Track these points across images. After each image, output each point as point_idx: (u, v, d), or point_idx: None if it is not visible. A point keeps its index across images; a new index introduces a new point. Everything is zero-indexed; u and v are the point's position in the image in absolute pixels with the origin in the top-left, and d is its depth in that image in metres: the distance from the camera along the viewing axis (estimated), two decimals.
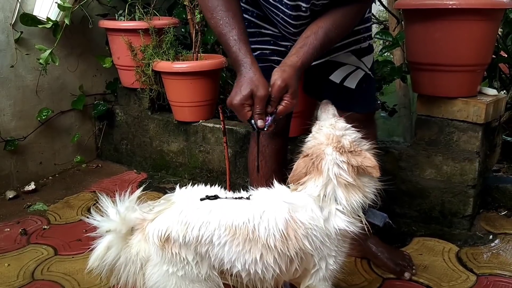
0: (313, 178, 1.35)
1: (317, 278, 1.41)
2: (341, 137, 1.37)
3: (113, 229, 1.37)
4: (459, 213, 2.18)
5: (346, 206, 1.34)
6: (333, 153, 1.34)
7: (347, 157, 1.34)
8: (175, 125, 2.91)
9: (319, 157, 1.35)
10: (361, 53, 1.78)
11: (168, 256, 1.35)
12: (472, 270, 1.93)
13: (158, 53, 2.77)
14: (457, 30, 1.96)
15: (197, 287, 1.39)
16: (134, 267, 1.40)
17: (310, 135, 1.44)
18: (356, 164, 1.33)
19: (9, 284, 1.93)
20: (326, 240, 1.35)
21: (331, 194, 1.34)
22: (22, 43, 2.73)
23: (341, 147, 1.35)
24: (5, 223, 2.42)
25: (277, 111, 1.42)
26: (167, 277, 1.37)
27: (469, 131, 2.10)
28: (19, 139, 2.79)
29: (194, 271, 1.36)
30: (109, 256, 1.38)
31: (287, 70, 1.41)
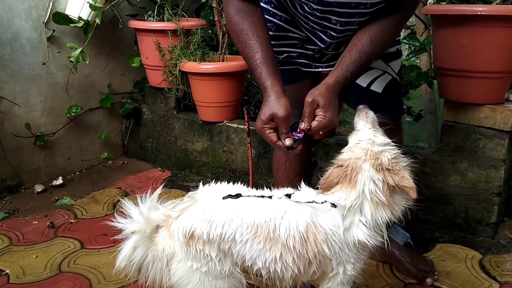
0: (344, 189, 1.35)
1: (335, 282, 1.42)
2: (379, 153, 1.34)
3: (138, 230, 1.41)
4: (483, 220, 2.16)
5: (369, 220, 1.34)
6: (370, 170, 1.32)
7: (383, 175, 1.32)
8: (200, 125, 2.95)
9: (354, 171, 1.33)
10: (389, 57, 1.79)
11: (192, 253, 1.38)
12: (495, 278, 1.91)
13: (185, 53, 2.82)
14: (485, 37, 1.95)
15: (220, 283, 1.42)
16: (161, 264, 1.44)
17: (346, 147, 1.41)
18: (393, 183, 1.32)
19: (36, 275, 1.98)
20: (345, 247, 1.36)
21: (358, 205, 1.34)
22: (54, 41, 2.80)
23: (379, 165, 1.32)
24: (33, 216, 2.49)
25: (312, 127, 1.43)
26: (191, 272, 1.40)
27: (495, 138, 2.08)
28: (48, 134, 2.86)
29: (217, 267, 1.39)
30: (136, 255, 1.42)
31: (319, 88, 1.44)
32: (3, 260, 2.09)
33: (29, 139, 2.78)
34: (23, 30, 2.66)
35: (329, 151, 2.50)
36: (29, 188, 2.81)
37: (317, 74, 1.89)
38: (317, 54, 1.77)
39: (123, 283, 1.90)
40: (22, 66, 2.69)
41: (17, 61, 2.66)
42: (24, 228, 2.36)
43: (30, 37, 2.69)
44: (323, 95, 1.42)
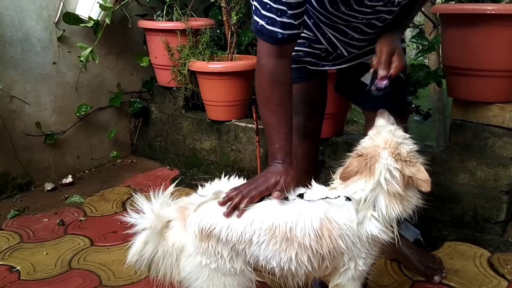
0: (363, 178, 1.35)
1: (346, 278, 1.42)
2: (399, 144, 1.35)
3: (149, 226, 1.42)
4: (491, 219, 2.16)
5: (384, 214, 1.34)
6: (388, 158, 1.32)
7: (401, 165, 1.32)
8: (208, 124, 2.96)
9: (373, 159, 1.34)
10: None
11: (203, 248, 1.39)
12: (504, 276, 1.91)
13: (194, 53, 2.83)
14: (495, 36, 1.95)
15: (229, 280, 1.42)
16: (171, 259, 1.44)
17: (367, 137, 1.43)
18: (409, 174, 1.32)
19: (47, 272, 2.01)
20: (357, 242, 1.37)
21: (372, 199, 1.34)
22: (64, 41, 2.82)
23: (398, 154, 1.33)
24: (44, 214, 2.51)
25: (392, 73, 1.54)
26: (200, 268, 1.41)
27: (504, 137, 2.08)
28: (58, 133, 2.89)
29: (227, 265, 1.39)
30: (147, 250, 1.43)
31: (389, 37, 1.58)
32: (14, 257, 2.11)
33: (39, 137, 2.80)
34: (34, 30, 2.69)
35: (337, 149, 2.51)
36: (39, 186, 2.83)
37: (323, 73, 1.91)
38: (324, 53, 1.79)
39: (133, 279, 1.92)
40: (33, 66, 2.72)
41: (28, 60, 2.69)
42: (34, 226, 2.39)
43: (40, 37, 2.72)
44: (396, 44, 1.57)
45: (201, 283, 1.42)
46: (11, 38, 2.60)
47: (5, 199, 2.67)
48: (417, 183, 1.33)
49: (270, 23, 1.43)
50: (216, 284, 1.42)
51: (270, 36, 1.45)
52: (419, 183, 1.33)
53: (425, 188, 1.33)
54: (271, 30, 1.44)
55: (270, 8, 1.42)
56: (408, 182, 1.33)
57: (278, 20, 1.42)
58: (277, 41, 1.46)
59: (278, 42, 1.46)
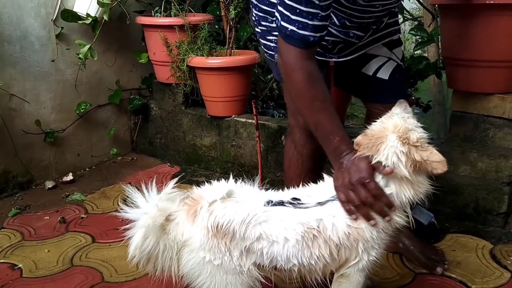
0: None
1: (354, 268, 1.42)
2: (409, 130, 1.34)
3: (150, 220, 1.41)
4: (493, 210, 2.15)
5: (395, 199, 1.35)
6: (395, 141, 1.32)
7: (408, 149, 1.31)
8: (208, 120, 2.96)
9: (379, 140, 1.34)
10: (392, 44, 1.81)
11: (211, 244, 1.37)
12: (507, 267, 1.91)
13: (192, 49, 2.82)
14: (494, 26, 1.94)
15: (231, 279, 1.41)
16: (171, 252, 1.44)
17: (378, 120, 1.42)
18: (420, 159, 1.31)
19: (49, 269, 2.00)
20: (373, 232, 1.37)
21: (383, 185, 1.35)
22: (63, 39, 2.82)
23: (406, 139, 1.32)
24: (45, 212, 2.51)
25: None
26: (202, 264, 1.40)
27: (505, 128, 2.07)
28: (58, 131, 2.89)
29: (234, 263, 1.38)
30: (148, 244, 1.42)
31: None
32: (16, 255, 2.11)
33: (39, 135, 2.80)
34: (32, 28, 2.68)
35: None
36: (40, 185, 2.83)
37: (328, 65, 1.90)
38: (330, 45, 1.79)
39: (135, 275, 1.92)
40: (32, 64, 2.71)
41: (27, 58, 2.69)
42: (35, 224, 2.39)
43: (39, 34, 2.71)
44: None
45: (204, 279, 1.41)
46: (9, 36, 2.59)
47: (6, 197, 2.67)
48: (432, 166, 1.32)
49: (301, 27, 1.41)
50: (218, 281, 1.41)
51: (301, 40, 1.43)
52: (434, 165, 1.31)
53: (441, 169, 1.31)
54: (303, 34, 1.42)
55: (300, 13, 1.40)
56: (419, 167, 1.32)
57: (310, 24, 1.41)
58: (308, 45, 1.45)
59: (309, 45, 1.45)
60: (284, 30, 1.43)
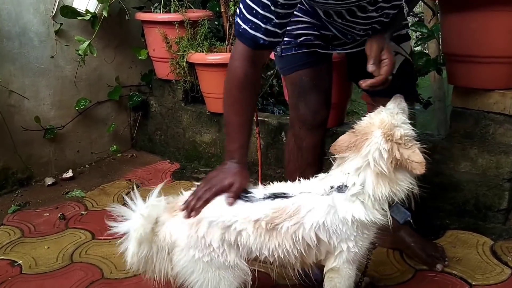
0: (351, 157, 1.37)
1: (340, 260, 1.43)
2: (395, 126, 1.35)
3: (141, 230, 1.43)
4: (493, 206, 2.15)
5: (371, 196, 1.35)
6: (379, 137, 1.33)
7: (391, 146, 1.32)
8: (208, 116, 2.95)
9: (364, 136, 1.36)
10: (400, 39, 1.80)
11: (195, 242, 1.40)
12: (507, 263, 1.90)
13: (192, 45, 2.82)
14: (495, 21, 1.93)
15: (223, 274, 1.43)
16: (163, 252, 1.46)
17: (367, 115, 1.44)
18: (400, 157, 1.32)
19: (49, 266, 2.00)
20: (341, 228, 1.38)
21: (361, 180, 1.35)
22: (62, 35, 2.81)
23: (390, 135, 1.33)
24: (45, 208, 2.51)
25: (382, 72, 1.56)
26: (193, 262, 1.42)
27: (505, 124, 2.06)
28: (58, 127, 2.88)
29: (220, 258, 1.40)
30: (142, 250, 1.44)
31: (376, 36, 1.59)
32: (16, 252, 2.11)
33: (39, 132, 2.80)
34: (31, 24, 2.67)
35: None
36: (39, 181, 2.83)
37: (330, 58, 1.90)
38: (332, 37, 1.79)
39: (135, 272, 1.91)
40: (31, 60, 2.71)
41: (26, 54, 2.68)
42: (35, 220, 2.38)
43: (38, 30, 2.71)
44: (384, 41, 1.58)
45: (197, 276, 1.43)
46: (8, 32, 2.58)
47: (5, 194, 2.67)
48: (411, 166, 1.33)
49: (254, 28, 1.44)
50: (211, 277, 1.42)
51: (251, 40, 1.45)
52: (414, 165, 1.32)
53: (419, 171, 1.33)
54: (254, 35, 1.44)
55: (256, 14, 1.42)
56: (399, 164, 1.33)
57: (263, 27, 1.43)
58: (257, 46, 1.46)
59: (258, 47, 1.47)
60: (237, 27, 1.47)
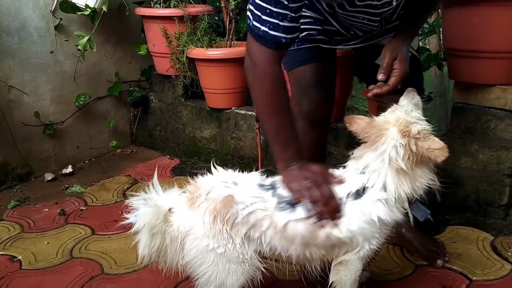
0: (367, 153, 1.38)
1: (356, 256, 1.43)
2: (411, 123, 1.35)
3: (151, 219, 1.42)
4: (494, 202, 2.14)
5: (393, 195, 1.35)
6: (396, 134, 1.33)
7: (408, 141, 1.32)
8: (208, 112, 2.94)
9: (380, 132, 1.36)
10: None
11: (213, 232, 1.38)
12: (507, 259, 1.90)
13: (192, 40, 2.81)
14: (496, 16, 1.92)
15: (234, 268, 1.42)
16: (176, 243, 1.44)
17: (382, 114, 1.43)
18: (418, 150, 1.31)
19: (48, 261, 2.00)
20: (368, 228, 1.37)
21: (382, 180, 1.35)
22: (61, 30, 2.80)
23: (407, 132, 1.33)
24: (44, 204, 2.51)
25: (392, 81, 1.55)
26: (206, 252, 1.41)
27: (506, 119, 2.06)
28: (57, 123, 2.88)
29: (237, 251, 1.40)
30: (156, 242, 1.44)
31: (395, 41, 1.58)
32: (15, 247, 2.11)
33: (39, 127, 2.79)
34: (30, 19, 2.66)
35: (338, 135, 2.49)
36: (39, 177, 2.82)
37: (335, 54, 1.89)
38: (335, 32, 1.77)
39: (135, 267, 1.91)
40: (30, 55, 2.70)
41: (25, 50, 2.67)
42: (35, 216, 2.38)
43: (37, 25, 2.70)
44: (400, 49, 1.57)
45: (206, 268, 1.42)
46: (7, 27, 2.57)
47: (5, 189, 2.67)
48: (434, 155, 1.31)
49: (273, 28, 1.40)
50: (220, 271, 1.42)
51: (273, 42, 1.42)
52: (436, 153, 1.31)
53: (443, 155, 1.31)
54: (275, 35, 1.41)
55: (271, 13, 1.39)
56: (418, 160, 1.32)
57: (281, 25, 1.40)
58: (279, 46, 1.44)
59: (281, 47, 1.44)
60: (257, 30, 1.41)
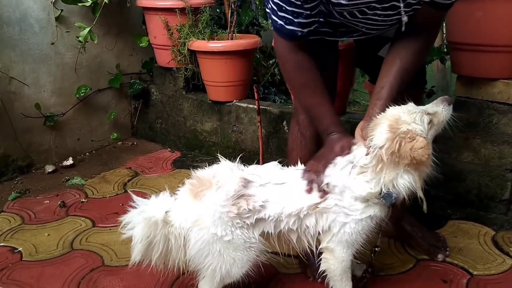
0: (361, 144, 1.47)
1: (336, 240, 1.50)
2: (404, 123, 1.40)
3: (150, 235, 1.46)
4: (496, 197, 2.13)
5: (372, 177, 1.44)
6: (384, 127, 1.41)
7: (393, 137, 1.39)
8: (209, 105, 2.93)
9: (375, 125, 1.43)
10: None
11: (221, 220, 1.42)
12: (508, 254, 1.90)
13: (194, 32, 2.80)
14: (499, 10, 1.91)
15: (239, 256, 1.46)
16: (180, 240, 1.47)
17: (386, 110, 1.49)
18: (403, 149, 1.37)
19: (49, 253, 2.00)
20: None
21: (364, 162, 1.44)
22: (62, 21, 2.79)
23: (396, 128, 1.39)
24: (45, 196, 2.51)
25: None
26: (212, 242, 1.43)
27: (509, 114, 2.05)
28: (58, 115, 2.87)
29: (244, 237, 1.44)
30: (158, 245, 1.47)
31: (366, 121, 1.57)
32: (16, 238, 2.11)
33: (39, 119, 2.78)
34: (31, 10, 2.65)
35: None
36: (40, 169, 2.82)
37: (337, 47, 1.89)
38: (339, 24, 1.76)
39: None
40: (31, 46, 2.69)
41: (26, 41, 2.66)
42: (35, 207, 2.38)
43: (38, 17, 2.68)
44: None
45: (211, 259, 1.45)
46: (8, 18, 2.56)
47: (6, 181, 2.67)
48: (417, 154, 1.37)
49: (288, 23, 1.49)
50: (226, 260, 1.45)
51: (290, 35, 1.51)
52: (419, 152, 1.37)
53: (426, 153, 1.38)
54: (290, 29, 1.50)
55: (285, 11, 1.47)
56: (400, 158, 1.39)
57: (296, 21, 1.48)
58: (296, 38, 1.52)
59: (298, 38, 1.52)
60: (274, 23, 1.52)
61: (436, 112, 1.49)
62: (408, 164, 1.39)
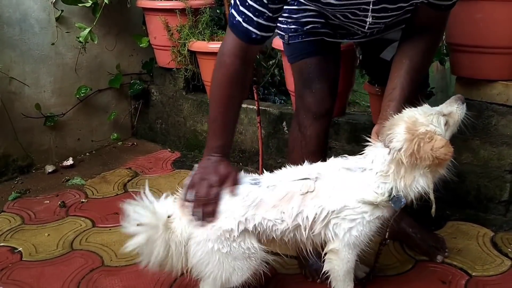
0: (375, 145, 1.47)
1: (342, 243, 1.48)
2: (422, 124, 1.39)
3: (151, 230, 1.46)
4: (495, 198, 2.14)
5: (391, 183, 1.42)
6: (402, 129, 1.39)
7: (412, 139, 1.37)
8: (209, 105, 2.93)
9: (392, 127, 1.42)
10: None
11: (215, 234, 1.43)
12: (507, 255, 1.90)
13: (194, 33, 2.80)
14: (498, 11, 1.91)
15: (239, 264, 1.46)
16: (181, 247, 1.48)
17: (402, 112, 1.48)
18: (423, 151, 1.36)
19: (49, 253, 2.01)
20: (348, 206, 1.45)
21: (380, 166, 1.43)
22: (63, 21, 2.79)
23: (414, 130, 1.37)
24: (45, 196, 2.51)
25: None
26: (211, 254, 1.44)
27: (508, 115, 2.05)
28: (58, 115, 2.87)
29: (242, 247, 1.44)
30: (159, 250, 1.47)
31: None
32: (16, 238, 2.11)
33: (39, 119, 2.79)
34: (32, 10, 2.66)
35: (339, 130, 2.48)
36: (40, 169, 2.82)
37: (339, 47, 1.88)
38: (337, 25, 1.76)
39: (135, 260, 1.90)
40: (31, 47, 2.69)
41: (26, 41, 2.67)
42: (35, 208, 2.39)
43: (39, 17, 2.69)
44: None
45: (212, 268, 1.45)
46: (9, 18, 2.57)
47: (6, 181, 2.67)
48: (440, 153, 1.37)
49: (247, 21, 1.43)
50: (226, 269, 1.45)
51: (244, 34, 1.45)
52: (441, 151, 1.36)
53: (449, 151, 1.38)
54: (246, 28, 1.44)
55: (248, 7, 1.41)
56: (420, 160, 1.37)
57: (255, 20, 1.42)
58: (249, 40, 1.46)
59: (251, 41, 1.46)
60: (232, 18, 1.46)
61: (451, 112, 1.47)
62: (429, 165, 1.38)
